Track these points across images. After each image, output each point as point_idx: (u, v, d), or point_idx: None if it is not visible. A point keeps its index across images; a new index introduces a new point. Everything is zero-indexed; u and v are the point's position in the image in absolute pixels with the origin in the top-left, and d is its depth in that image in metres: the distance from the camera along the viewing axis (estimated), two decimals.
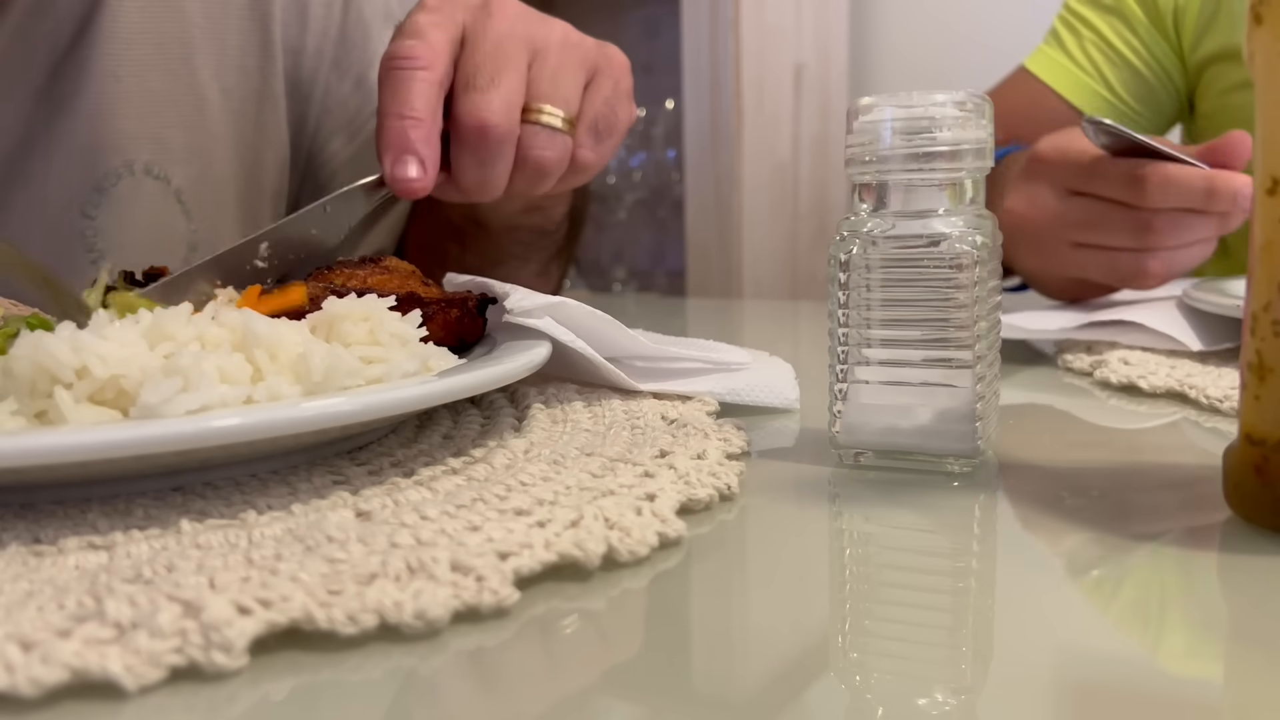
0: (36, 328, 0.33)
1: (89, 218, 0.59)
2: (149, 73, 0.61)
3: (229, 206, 0.66)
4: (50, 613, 0.23)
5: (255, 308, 0.37)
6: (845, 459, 0.37)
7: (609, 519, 0.29)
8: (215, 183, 0.65)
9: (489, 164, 0.48)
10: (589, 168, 0.52)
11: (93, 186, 0.59)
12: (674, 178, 1.88)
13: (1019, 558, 0.30)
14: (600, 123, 0.52)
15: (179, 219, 0.63)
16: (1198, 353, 0.52)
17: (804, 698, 0.22)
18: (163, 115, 0.62)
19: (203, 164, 0.64)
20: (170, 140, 0.62)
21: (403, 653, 0.23)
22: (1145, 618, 0.26)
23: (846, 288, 0.36)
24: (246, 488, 0.32)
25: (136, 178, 0.61)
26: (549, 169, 0.50)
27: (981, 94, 0.35)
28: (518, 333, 0.42)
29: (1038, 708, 0.22)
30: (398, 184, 0.46)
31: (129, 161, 0.60)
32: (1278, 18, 0.28)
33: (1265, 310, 0.29)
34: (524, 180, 0.50)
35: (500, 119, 0.47)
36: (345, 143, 0.72)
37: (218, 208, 0.65)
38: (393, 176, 0.46)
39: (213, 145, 0.64)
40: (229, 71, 0.65)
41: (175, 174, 0.62)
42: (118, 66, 0.59)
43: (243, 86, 0.66)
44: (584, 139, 0.51)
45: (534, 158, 0.49)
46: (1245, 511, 0.30)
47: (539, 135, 0.49)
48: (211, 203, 0.65)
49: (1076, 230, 0.63)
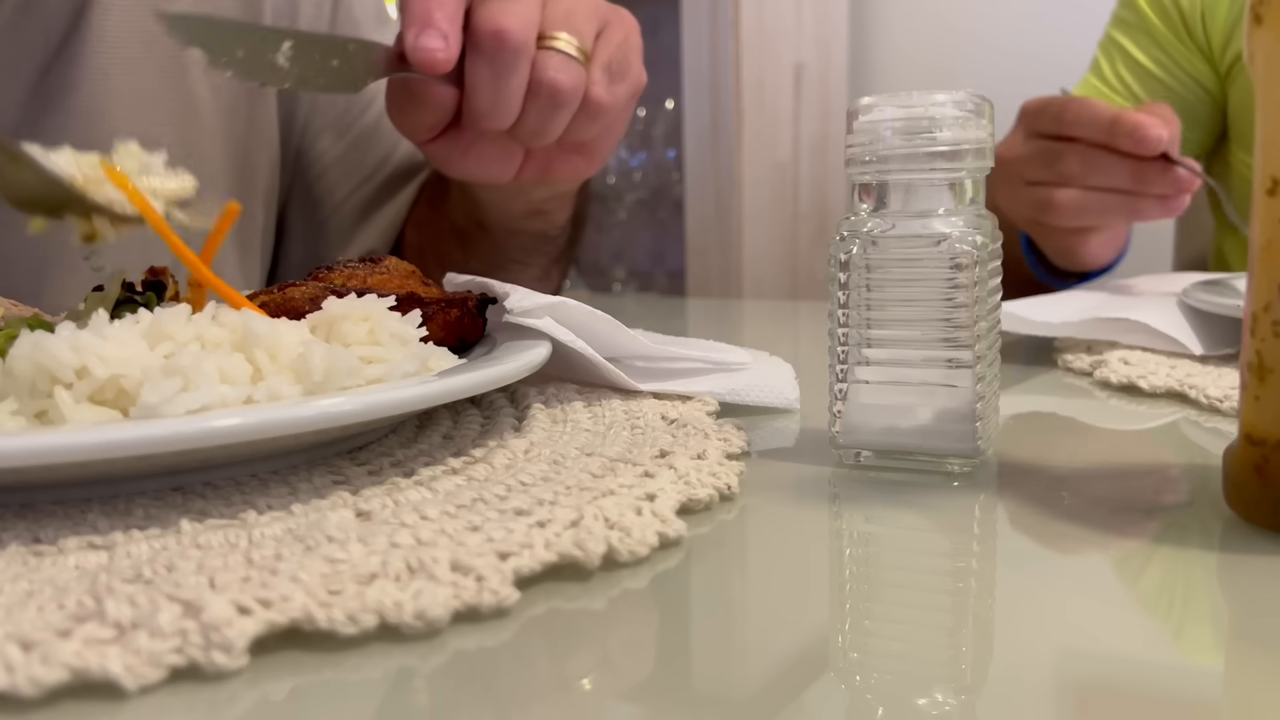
0: (36, 328, 0.33)
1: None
2: (139, 71, 0.61)
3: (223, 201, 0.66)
4: (50, 613, 0.23)
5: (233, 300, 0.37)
6: (845, 459, 0.37)
7: (609, 519, 0.29)
8: (207, 180, 0.65)
9: (504, 76, 0.47)
10: (602, 108, 0.51)
11: None
12: (674, 178, 1.88)
13: (1019, 558, 0.30)
14: (614, 64, 0.51)
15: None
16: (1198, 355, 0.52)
17: (804, 698, 0.22)
18: (154, 113, 0.62)
19: (195, 162, 0.64)
20: (161, 138, 0.62)
21: (403, 653, 0.23)
22: (1145, 617, 0.26)
23: (846, 288, 0.36)
24: (246, 488, 0.32)
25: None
26: (564, 95, 0.49)
27: (982, 94, 0.35)
28: (518, 333, 0.42)
29: (1038, 708, 0.22)
30: (420, 54, 0.46)
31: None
32: (1278, 18, 0.28)
33: (1265, 311, 0.29)
34: (538, 111, 0.49)
35: (518, 25, 0.47)
36: (334, 141, 0.72)
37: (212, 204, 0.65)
38: (415, 47, 0.46)
39: (204, 143, 0.65)
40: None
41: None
42: (108, 65, 0.60)
43: (234, 84, 0.66)
44: (598, 76, 0.51)
45: (549, 80, 0.48)
46: (1245, 511, 0.30)
47: (554, 58, 0.48)
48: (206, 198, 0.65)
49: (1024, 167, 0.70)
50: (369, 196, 0.74)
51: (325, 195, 0.73)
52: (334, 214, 0.74)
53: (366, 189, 0.74)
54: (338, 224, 0.74)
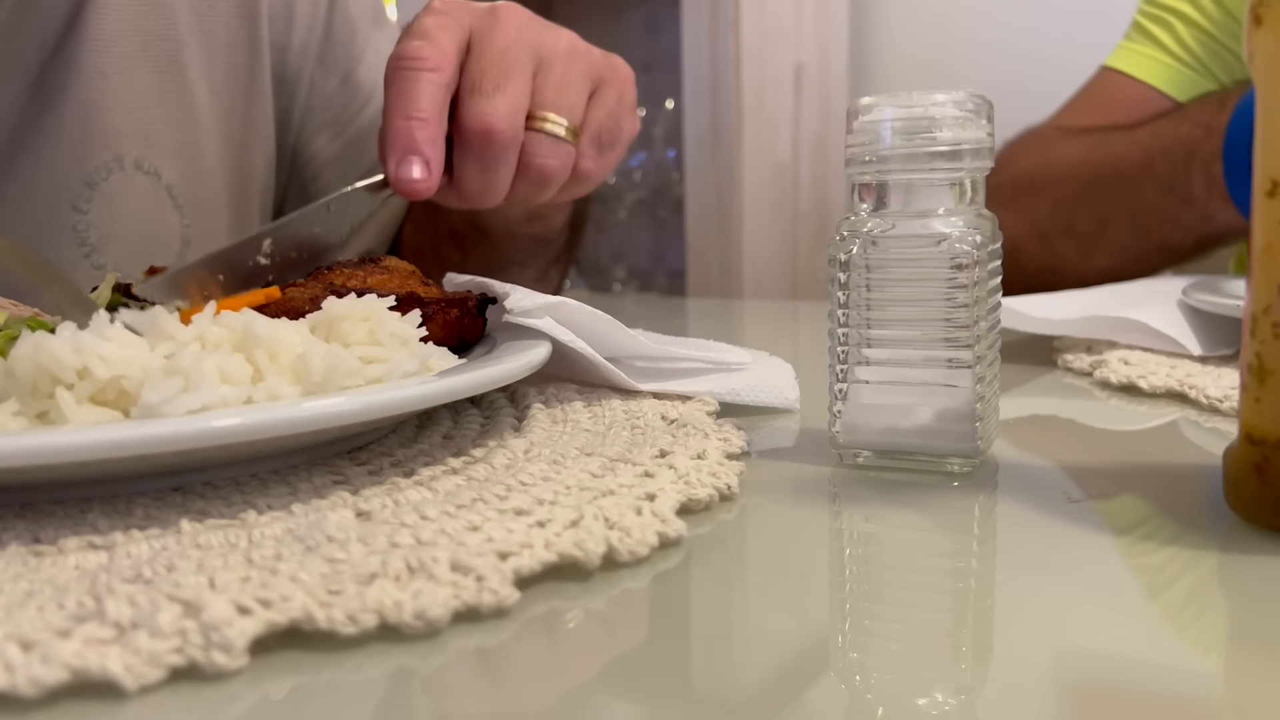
0: (37, 329, 0.33)
1: (80, 212, 0.59)
2: (137, 69, 0.61)
3: (220, 201, 0.67)
4: (50, 613, 0.23)
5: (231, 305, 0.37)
6: (845, 459, 0.37)
7: (609, 519, 0.29)
8: (205, 177, 0.65)
9: (492, 169, 0.48)
10: (590, 178, 0.52)
11: (83, 181, 0.59)
12: (674, 178, 1.88)
13: (1019, 558, 0.30)
14: (604, 134, 0.52)
15: (171, 213, 0.63)
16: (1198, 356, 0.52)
17: (804, 698, 0.22)
18: (151, 112, 0.62)
19: (192, 159, 0.64)
20: (159, 136, 0.62)
21: (403, 653, 0.23)
22: (1145, 618, 0.26)
23: (846, 288, 0.36)
24: (246, 488, 0.32)
25: (127, 172, 0.61)
26: (551, 177, 0.50)
27: (982, 94, 0.35)
28: (518, 333, 0.42)
29: (1038, 708, 0.22)
30: (402, 184, 0.46)
31: (119, 156, 0.60)
32: (1278, 18, 0.28)
33: (1265, 313, 0.29)
34: (526, 187, 0.50)
35: (505, 124, 0.47)
36: (330, 140, 0.72)
37: (209, 202, 0.66)
38: (397, 177, 0.46)
39: (202, 141, 0.65)
40: (217, 68, 0.65)
41: (165, 169, 0.63)
42: (105, 63, 0.60)
43: (231, 83, 0.66)
44: (587, 149, 0.51)
45: (537, 165, 0.49)
46: (1245, 511, 0.30)
47: (543, 143, 0.49)
48: (203, 197, 0.65)
49: None
50: None
51: (321, 194, 0.73)
52: None
53: None
54: None
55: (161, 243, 0.63)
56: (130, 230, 0.61)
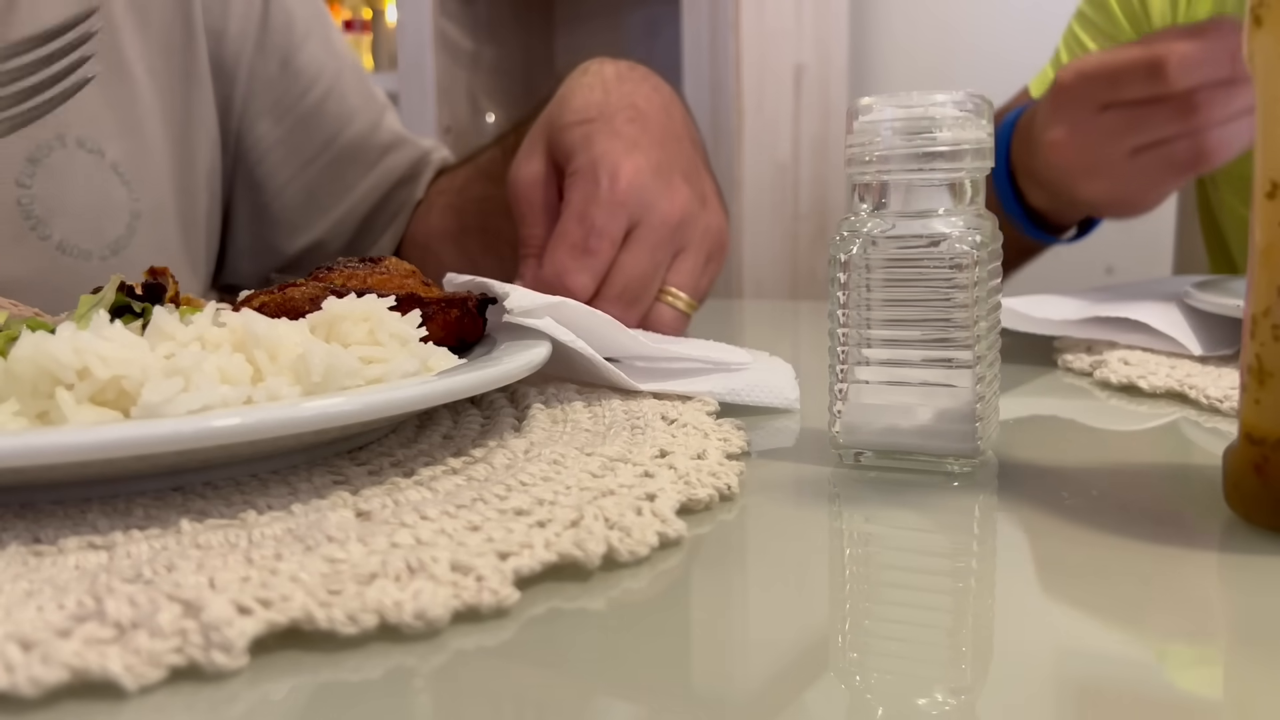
0: (37, 329, 0.33)
1: (24, 187, 0.60)
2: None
3: (166, 179, 0.68)
4: (50, 613, 0.23)
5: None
6: (845, 459, 0.37)
7: (609, 519, 0.29)
8: (150, 156, 0.66)
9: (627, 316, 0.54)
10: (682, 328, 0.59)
11: (26, 158, 0.60)
12: None
13: (1019, 558, 0.30)
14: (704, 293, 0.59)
15: (118, 188, 0.64)
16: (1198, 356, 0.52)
17: (804, 698, 0.22)
18: (91, 91, 0.63)
19: (135, 139, 0.65)
20: (100, 116, 0.63)
21: (403, 653, 0.23)
22: (1145, 618, 0.26)
23: (846, 288, 0.36)
24: (246, 488, 0.32)
25: (69, 150, 0.62)
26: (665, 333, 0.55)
27: (981, 94, 0.35)
28: (518, 333, 0.42)
29: (1038, 708, 0.22)
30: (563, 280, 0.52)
31: (61, 135, 0.61)
32: (1278, 19, 0.28)
33: (1265, 315, 0.29)
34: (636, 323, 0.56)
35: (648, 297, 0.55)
36: (272, 125, 0.73)
37: (155, 179, 0.67)
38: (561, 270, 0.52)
39: (143, 123, 0.66)
40: (154, 52, 0.66)
41: (109, 148, 0.63)
42: None
43: (168, 67, 0.67)
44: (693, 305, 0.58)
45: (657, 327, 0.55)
46: (1245, 511, 0.30)
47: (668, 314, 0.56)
48: (149, 174, 0.66)
49: (1126, 136, 0.63)
50: (315, 181, 0.75)
51: (267, 179, 0.74)
52: (277, 198, 0.75)
53: (310, 172, 0.74)
54: (281, 208, 0.75)
55: (110, 215, 0.64)
56: (77, 203, 0.62)
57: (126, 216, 0.64)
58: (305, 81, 0.73)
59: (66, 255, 0.61)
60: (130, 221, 0.64)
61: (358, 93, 0.76)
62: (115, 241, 0.63)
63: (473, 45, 1.84)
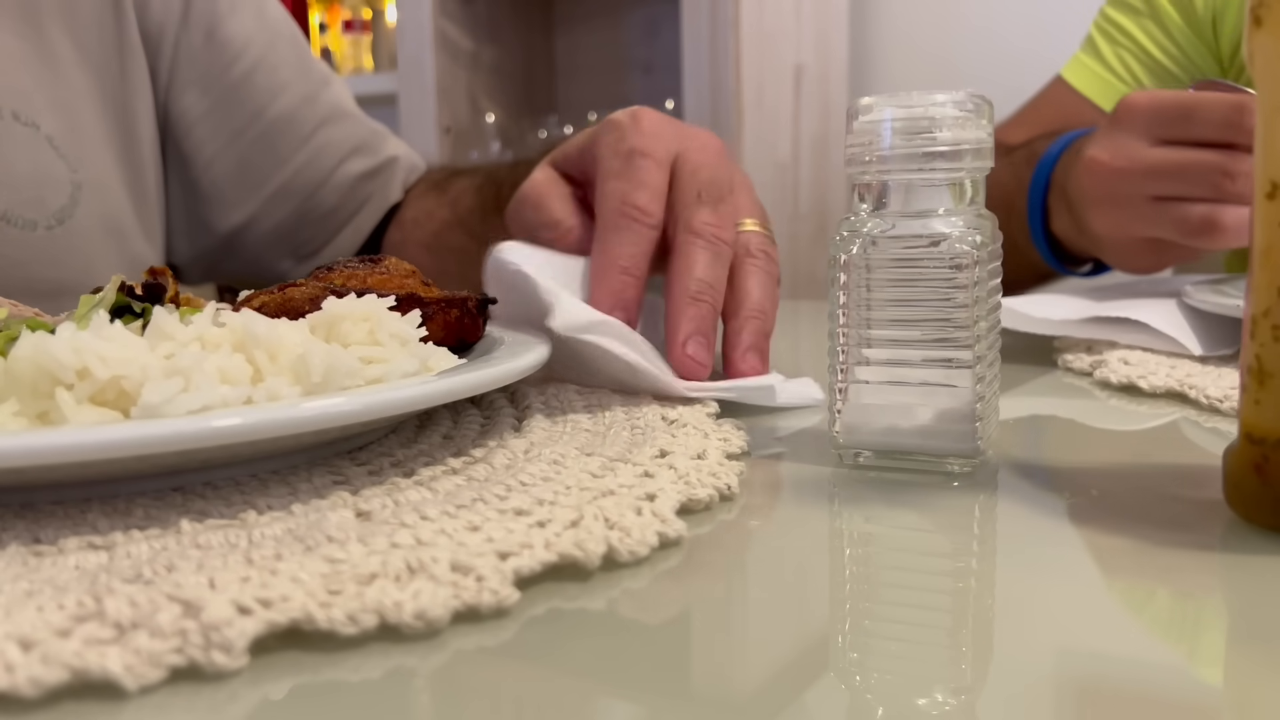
0: (37, 329, 0.33)
1: None
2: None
3: (105, 152, 0.67)
4: (50, 613, 0.23)
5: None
6: (845, 459, 0.37)
7: (609, 519, 0.29)
8: (86, 131, 0.66)
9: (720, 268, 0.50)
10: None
11: None
12: None
13: (1019, 558, 0.30)
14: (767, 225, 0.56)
15: (56, 162, 0.64)
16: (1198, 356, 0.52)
17: (804, 698, 0.22)
18: (17, 71, 0.63)
19: (69, 115, 0.65)
20: (31, 93, 0.63)
21: (403, 653, 0.23)
22: (1145, 618, 0.26)
23: (846, 288, 0.36)
24: (246, 488, 0.32)
25: (6, 121, 0.62)
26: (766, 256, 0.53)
27: (982, 94, 0.35)
28: (518, 333, 0.42)
29: (1038, 708, 0.22)
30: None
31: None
32: (1278, 19, 0.28)
33: (1265, 315, 0.29)
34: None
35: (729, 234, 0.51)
36: (199, 97, 0.73)
37: (94, 153, 0.67)
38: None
39: (76, 99, 0.66)
40: (83, 28, 0.66)
41: (43, 122, 0.63)
42: None
43: (100, 41, 0.67)
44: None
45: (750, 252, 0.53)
46: (1245, 511, 0.30)
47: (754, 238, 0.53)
48: (86, 149, 0.66)
49: (1157, 180, 0.61)
50: (244, 153, 0.74)
51: (194, 152, 0.74)
52: (206, 172, 0.74)
53: (240, 145, 0.74)
54: (211, 183, 0.74)
55: (51, 186, 0.64)
56: (16, 175, 0.62)
57: (69, 188, 0.64)
58: (232, 52, 0.72)
59: (11, 226, 0.61)
60: (73, 192, 0.64)
61: (291, 65, 0.75)
62: (59, 211, 0.63)
63: (473, 45, 1.84)
